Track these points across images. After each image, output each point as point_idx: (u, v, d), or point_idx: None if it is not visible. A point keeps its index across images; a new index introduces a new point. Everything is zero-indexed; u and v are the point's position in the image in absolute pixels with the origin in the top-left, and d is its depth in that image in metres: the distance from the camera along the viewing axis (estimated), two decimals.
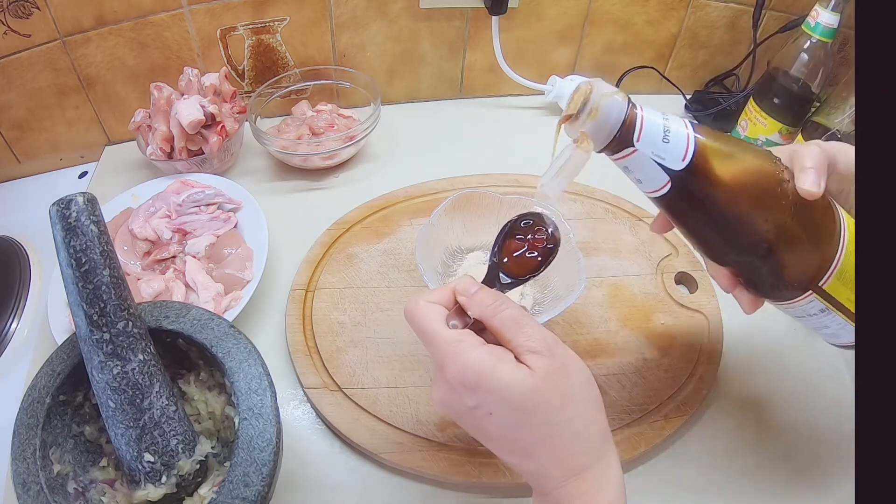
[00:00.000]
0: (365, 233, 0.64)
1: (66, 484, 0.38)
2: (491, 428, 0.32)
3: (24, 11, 0.60)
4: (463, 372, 0.31)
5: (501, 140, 0.79)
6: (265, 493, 0.36)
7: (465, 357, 0.32)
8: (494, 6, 0.72)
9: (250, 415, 0.38)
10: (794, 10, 0.66)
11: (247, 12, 0.69)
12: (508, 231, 0.41)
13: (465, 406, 0.32)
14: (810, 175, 0.34)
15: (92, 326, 0.36)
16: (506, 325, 0.33)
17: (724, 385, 0.54)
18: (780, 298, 0.39)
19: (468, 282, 0.36)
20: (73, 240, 0.35)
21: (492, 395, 0.31)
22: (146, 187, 0.66)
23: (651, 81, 0.85)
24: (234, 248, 0.59)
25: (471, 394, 0.32)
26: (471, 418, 0.33)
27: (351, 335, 0.55)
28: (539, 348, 0.32)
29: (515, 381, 0.31)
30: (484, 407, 0.32)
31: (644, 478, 0.48)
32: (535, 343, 0.32)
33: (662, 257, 0.63)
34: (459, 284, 0.36)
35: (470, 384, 0.31)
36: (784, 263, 0.36)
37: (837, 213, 0.36)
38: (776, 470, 0.49)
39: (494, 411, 0.32)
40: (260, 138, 0.68)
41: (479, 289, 0.35)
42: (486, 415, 0.32)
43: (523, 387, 0.31)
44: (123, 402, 0.37)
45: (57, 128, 0.71)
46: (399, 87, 0.82)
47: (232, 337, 0.41)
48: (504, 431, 0.32)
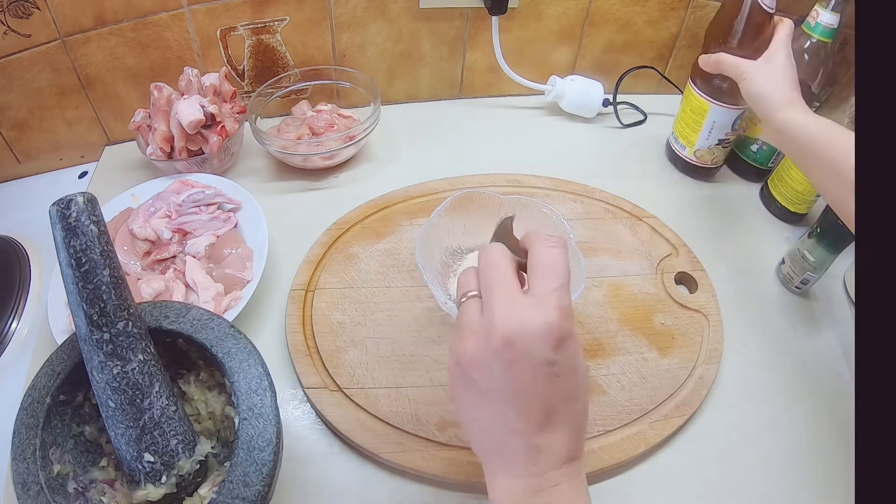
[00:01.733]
0: (365, 233, 0.64)
1: (66, 484, 0.38)
2: (552, 390, 0.30)
3: (24, 11, 0.60)
4: (561, 326, 0.30)
5: (501, 140, 0.79)
6: (265, 493, 0.36)
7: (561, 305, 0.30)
8: (494, 6, 0.72)
9: (250, 415, 0.38)
10: (793, 11, 0.66)
11: (247, 12, 0.69)
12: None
13: (540, 360, 0.30)
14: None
15: (92, 326, 0.36)
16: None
17: (724, 385, 0.54)
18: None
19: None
20: (73, 240, 0.35)
21: (578, 354, 0.31)
22: (146, 187, 0.66)
23: (651, 81, 0.85)
24: (234, 248, 0.59)
25: (557, 348, 0.30)
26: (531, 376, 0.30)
27: (351, 335, 0.55)
28: (565, 306, 0.31)
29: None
30: (563, 363, 0.30)
31: (644, 478, 0.48)
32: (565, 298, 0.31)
33: (662, 257, 0.63)
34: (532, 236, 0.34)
35: (561, 336, 0.30)
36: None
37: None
38: (776, 469, 0.49)
39: (563, 373, 0.30)
40: (260, 138, 0.68)
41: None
42: (555, 377, 0.30)
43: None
44: (123, 402, 0.37)
45: (57, 128, 0.71)
46: (399, 87, 0.82)
47: (232, 337, 0.41)
48: (565, 394, 0.31)
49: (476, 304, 0.33)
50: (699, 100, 0.68)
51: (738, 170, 0.76)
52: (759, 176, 0.74)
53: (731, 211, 0.71)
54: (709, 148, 0.70)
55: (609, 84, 0.81)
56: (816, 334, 0.59)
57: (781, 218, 0.70)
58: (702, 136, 0.70)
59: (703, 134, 0.69)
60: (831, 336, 0.59)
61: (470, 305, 0.33)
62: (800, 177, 0.65)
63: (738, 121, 0.67)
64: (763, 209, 0.71)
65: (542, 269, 0.32)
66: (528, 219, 0.54)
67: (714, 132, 0.69)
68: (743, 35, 0.61)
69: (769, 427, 0.52)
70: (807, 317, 0.60)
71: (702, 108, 0.68)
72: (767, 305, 0.61)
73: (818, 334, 0.59)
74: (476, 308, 0.32)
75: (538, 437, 0.31)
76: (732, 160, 0.76)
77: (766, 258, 0.65)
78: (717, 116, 0.67)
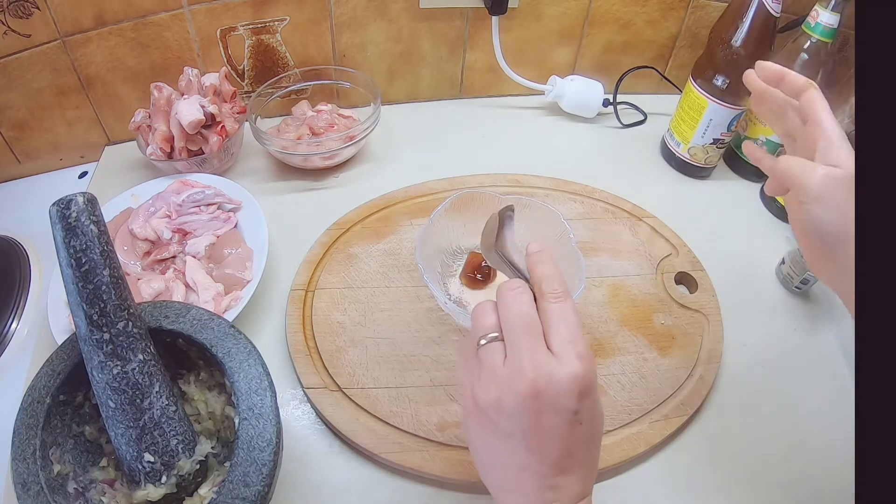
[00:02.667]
0: (365, 233, 0.64)
1: (66, 484, 0.38)
2: (574, 437, 0.31)
3: (24, 11, 0.60)
4: (585, 377, 0.31)
5: (501, 140, 0.79)
6: (265, 493, 0.36)
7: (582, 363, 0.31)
8: (494, 6, 0.72)
9: (250, 415, 0.38)
10: (794, 10, 0.66)
11: (247, 12, 0.69)
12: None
13: (565, 410, 0.31)
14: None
15: (92, 326, 0.36)
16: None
17: (724, 385, 0.54)
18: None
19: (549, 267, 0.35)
20: (73, 240, 0.35)
21: (597, 403, 0.32)
22: (146, 187, 0.66)
23: (651, 81, 0.85)
24: (234, 248, 0.59)
25: (580, 398, 0.31)
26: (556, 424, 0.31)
27: (351, 335, 0.55)
28: (584, 353, 0.32)
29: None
30: (585, 411, 0.31)
31: (644, 477, 0.48)
32: (581, 347, 0.32)
33: (662, 257, 0.63)
34: (540, 270, 0.35)
35: (586, 387, 0.31)
36: None
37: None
38: (776, 469, 0.49)
39: (586, 420, 0.32)
40: (260, 138, 0.68)
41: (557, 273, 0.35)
42: (578, 423, 0.31)
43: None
44: (123, 402, 0.37)
45: (57, 128, 0.71)
46: (399, 87, 0.82)
47: (232, 337, 0.41)
48: (583, 441, 0.32)
49: (500, 350, 0.33)
50: (698, 96, 0.68)
51: (737, 170, 0.76)
52: (759, 176, 0.74)
53: (731, 211, 0.71)
54: (703, 146, 0.71)
55: (609, 84, 0.81)
56: (816, 334, 0.59)
57: (782, 217, 0.70)
58: (697, 133, 0.70)
59: (698, 131, 0.69)
60: (831, 336, 0.59)
61: (493, 351, 0.33)
62: None
63: (735, 122, 0.68)
64: (763, 209, 0.71)
65: (554, 324, 0.32)
66: (528, 219, 0.54)
67: (710, 130, 0.69)
68: (747, 37, 0.61)
69: (769, 427, 0.52)
70: (807, 317, 0.60)
71: (699, 105, 0.68)
72: (767, 305, 0.61)
73: (818, 334, 0.59)
74: (500, 354, 0.33)
75: (555, 479, 0.32)
76: (732, 160, 0.76)
77: (766, 258, 0.65)
78: (715, 115, 0.67)
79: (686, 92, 0.70)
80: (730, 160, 0.76)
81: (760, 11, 0.60)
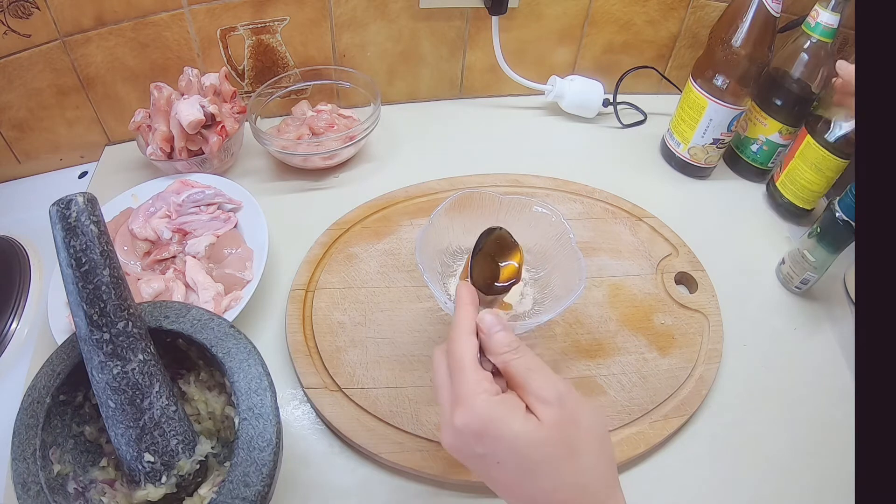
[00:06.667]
0: (365, 233, 0.64)
1: (66, 484, 0.38)
2: (499, 476, 0.33)
3: (24, 11, 0.60)
4: (473, 419, 0.32)
5: (501, 140, 0.79)
6: (265, 493, 0.36)
7: (478, 404, 0.32)
8: (494, 6, 0.72)
9: (250, 415, 0.38)
10: (794, 10, 0.66)
11: (247, 12, 0.69)
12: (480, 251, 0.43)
13: (473, 452, 0.33)
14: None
15: (92, 326, 0.36)
16: (519, 372, 0.33)
17: (724, 385, 0.54)
18: None
19: (491, 321, 0.36)
20: (73, 240, 0.35)
21: (500, 444, 0.32)
22: (146, 187, 0.66)
23: (651, 81, 0.85)
24: (234, 248, 0.59)
25: (479, 441, 0.32)
26: (480, 464, 0.33)
27: (351, 335, 0.55)
28: (549, 398, 0.32)
29: (524, 432, 0.31)
30: (492, 455, 0.32)
31: (644, 477, 0.48)
32: (545, 392, 0.32)
33: (662, 257, 0.63)
34: (484, 321, 0.36)
35: (476, 431, 0.32)
36: None
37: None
38: (776, 469, 0.49)
39: (502, 460, 0.32)
40: (260, 138, 0.68)
41: (500, 330, 0.35)
42: (495, 463, 0.32)
43: (531, 438, 0.31)
44: (123, 402, 0.37)
45: (57, 128, 0.71)
46: (399, 87, 0.82)
47: (232, 337, 0.41)
48: (512, 480, 0.32)
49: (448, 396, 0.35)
50: (698, 96, 0.68)
51: (738, 170, 0.76)
52: (759, 176, 0.74)
53: (732, 211, 0.71)
54: (703, 146, 0.71)
55: (609, 84, 0.81)
56: (816, 334, 0.59)
57: (785, 213, 0.69)
58: (697, 133, 0.70)
59: (698, 131, 0.69)
60: (831, 336, 0.59)
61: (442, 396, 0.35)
62: (812, 174, 0.64)
63: (735, 122, 0.68)
64: (763, 209, 0.71)
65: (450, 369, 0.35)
66: (528, 219, 0.54)
67: (710, 130, 0.69)
68: (747, 37, 0.61)
69: (769, 427, 0.52)
70: (807, 317, 0.60)
71: (700, 105, 0.68)
72: (767, 305, 0.61)
73: (818, 334, 0.59)
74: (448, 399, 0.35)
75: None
76: (732, 160, 0.76)
77: (766, 258, 0.65)
78: (715, 114, 0.67)
79: (686, 92, 0.70)
80: (730, 160, 0.76)
81: (760, 11, 0.60)
